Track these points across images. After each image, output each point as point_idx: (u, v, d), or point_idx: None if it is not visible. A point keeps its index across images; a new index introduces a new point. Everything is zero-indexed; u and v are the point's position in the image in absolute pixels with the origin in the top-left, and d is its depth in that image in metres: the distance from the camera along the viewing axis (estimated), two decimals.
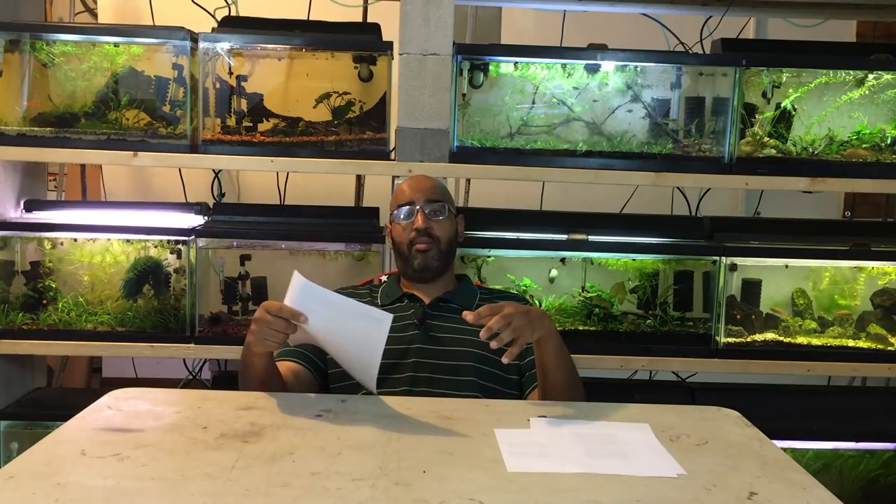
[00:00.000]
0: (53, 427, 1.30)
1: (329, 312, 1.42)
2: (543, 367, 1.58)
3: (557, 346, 1.57)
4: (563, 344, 1.60)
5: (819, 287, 2.40)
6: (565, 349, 1.60)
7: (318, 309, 1.42)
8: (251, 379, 1.55)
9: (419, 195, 1.81)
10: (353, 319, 1.42)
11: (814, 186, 2.26)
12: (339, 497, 1.05)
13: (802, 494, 1.13)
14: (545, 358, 1.56)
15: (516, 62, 2.27)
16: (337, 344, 1.50)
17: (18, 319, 2.26)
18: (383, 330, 1.39)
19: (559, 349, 1.58)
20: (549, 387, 1.58)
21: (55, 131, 2.23)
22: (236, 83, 2.30)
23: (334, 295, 1.45)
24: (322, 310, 1.42)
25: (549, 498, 1.08)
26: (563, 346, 1.60)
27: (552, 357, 1.56)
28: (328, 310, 1.42)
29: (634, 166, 2.24)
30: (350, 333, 1.44)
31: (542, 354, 1.56)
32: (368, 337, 1.41)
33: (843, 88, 2.31)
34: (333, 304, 1.43)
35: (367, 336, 1.41)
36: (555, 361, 1.56)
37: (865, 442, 2.31)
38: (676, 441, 1.31)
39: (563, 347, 1.59)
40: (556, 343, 1.57)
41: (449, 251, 1.82)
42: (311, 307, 1.41)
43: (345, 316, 1.42)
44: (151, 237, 2.25)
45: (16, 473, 1.10)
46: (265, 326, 1.44)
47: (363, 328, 1.41)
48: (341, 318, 1.43)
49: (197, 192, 2.99)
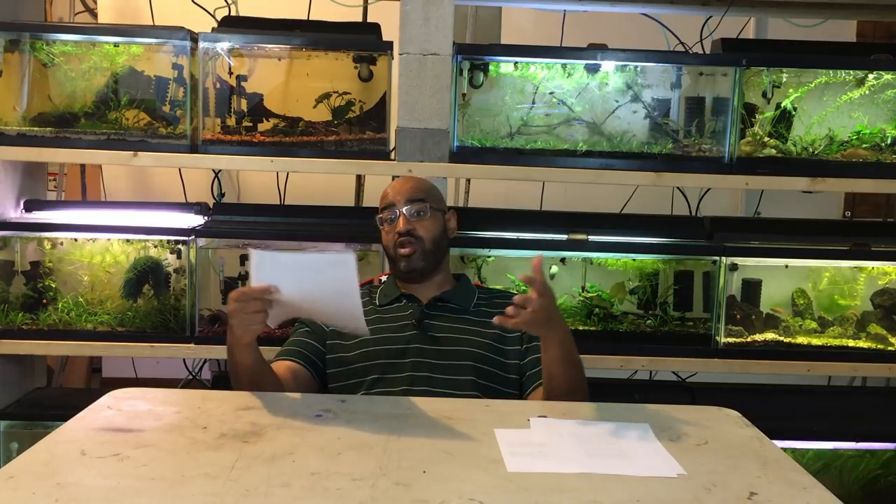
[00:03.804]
0: (53, 427, 1.30)
1: (294, 273, 1.40)
2: (549, 369, 1.57)
3: (567, 351, 1.55)
4: (575, 351, 1.58)
5: (819, 287, 2.40)
6: (576, 356, 1.58)
7: (283, 275, 1.39)
8: (241, 377, 1.55)
9: (399, 197, 1.80)
10: (320, 271, 1.39)
11: (814, 186, 2.26)
12: (339, 497, 1.05)
13: (802, 494, 1.12)
14: (552, 360, 1.55)
15: (516, 62, 2.27)
16: (315, 302, 1.46)
17: (18, 319, 2.26)
18: (350, 269, 1.35)
19: (568, 355, 1.56)
20: (553, 388, 1.58)
21: (55, 131, 2.23)
22: (236, 83, 2.30)
23: (292, 255, 1.42)
24: (287, 274, 1.39)
25: (549, 498, 1.08)
26: (575, 352, 1.58)
27: (559, 361, 1.54)
28: (292, 271, 1.40)
29: (634, 166, 2.24)
30: (321, 286, 1.40)
31: (550, 356, 1.55)
32: (340, 283, 1.37)
33: (844, 88, 2.31)
34: (295, 263, 1.40)
35: (339, 282, 1.37)
36: (561, 366, 1.55)
37: (865, 442, 2.31)
38: (676, 441, 1.31)
39: (573, 354, 1.57)
40: (567, 349, 1.55)
41: (435, 249, 1.80)
42: (276, 276, 1.39)
43: (310, 271, 1.40)
44: (151, 237, 2.25)
45: (16, 473, 1.10)
46: (241, 314, 1.43)
47: (331, 275, 1.38)
48: (308, 274, 1.40)
49: (197, 192, 2.99)
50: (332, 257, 1.39)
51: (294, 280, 1.40)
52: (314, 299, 1.45)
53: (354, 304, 1.39)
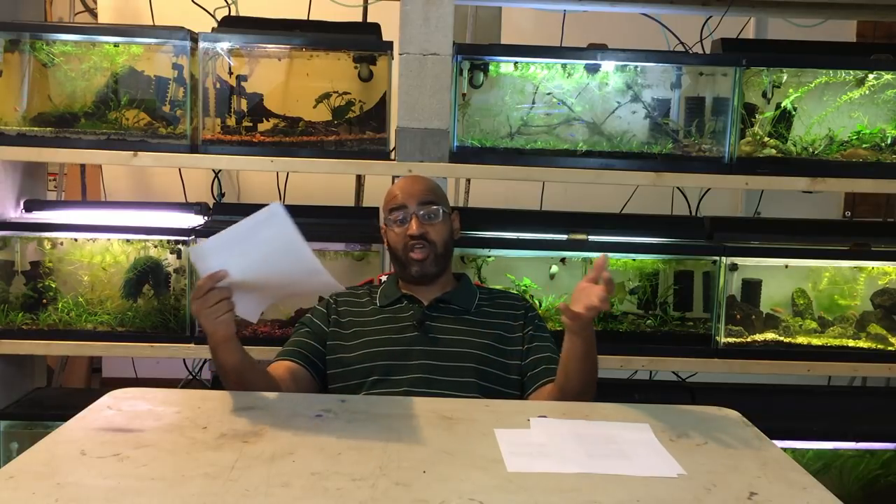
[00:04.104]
0: (53, 427, 1.30)
1: (234, 250, 1.35)
2: (570, 365, 1.56)
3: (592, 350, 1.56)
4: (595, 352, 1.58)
5: (819, 287, 2.40)
6: (596, 357, 1.59)
7: (224, 257, 1.36)
8: (228, 377, 1.54)
9: (411, 199, 1.77)
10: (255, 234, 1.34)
11: (814, 186, 2.26)
12: (339, 497, 1.05)
13: (802, 494, 1.12)
14: (577, 357, 1.55)
15: (516, 62, 2.27)
16: (269, 271, 1.40)
17: (18, 319, 2.26)
18: (281, 217, 1.31)
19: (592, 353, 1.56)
20: (568, 385, 1.58)
21: (55, 131, 2.23)
22: (236, 83, 2.30)
23: (224, 233, 1.36)
24: (227, 254, 1.36)
25: (549, 498, 1.08)
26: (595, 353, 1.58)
27: (583, 358, 1.55)
28: (231, 248, 1.36)
29: (634, 166, 2.24)
30: (265, 250, 1.35)
31: (576, 353, 1.55)
32: (281, 238, 1.33)
33: (844, 88, 2.32)
34: (229, 239, 1.35)
35: (279, 239, 1.33)
36: (583, 364, 1.55)
37: (865, 442, 2.31)
38: (676, 441, 1.31)
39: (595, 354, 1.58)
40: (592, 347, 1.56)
41: (445, 254, 1.80)
42: (219, 260, 1.36)
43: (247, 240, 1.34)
44: (151, 237, 2.25)
45: (16, 473, 1.10)
46: (203, 310, 1.41)
47: (269, 234, 1.33)
48: (247, 245, 1.35)
49: (197, 192, 2.99)
50: (260, 215, 1.33)
51: (237, 256, 1.36)
52: (267, 268, 1.39)
53: (306, 256, 1.34)
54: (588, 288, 1.47)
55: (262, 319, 2.31)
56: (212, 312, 1.42)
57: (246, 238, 1.35)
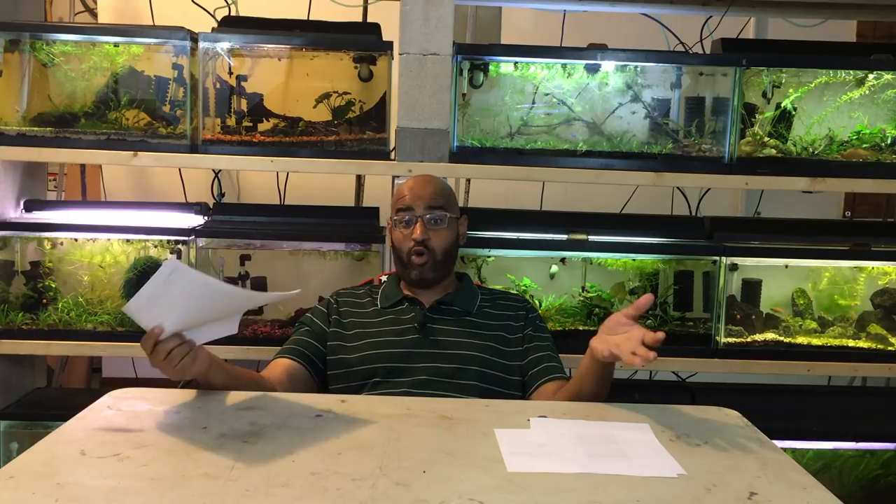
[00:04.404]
0: (53, 427, 1.30)
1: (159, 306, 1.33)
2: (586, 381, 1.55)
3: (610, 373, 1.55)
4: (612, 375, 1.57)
5: (819, 287, 2.40)
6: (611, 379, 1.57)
7: (153, 312, 1.34)
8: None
9: (419, 202, 1.76)
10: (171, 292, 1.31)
11: (814, 186, 2.26)
12: (339, 497, 1.05)
13: (802, 494, 1.12)
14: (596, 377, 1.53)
15: (516, 62, 2.27)
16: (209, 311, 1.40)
17: (18, 319, 2.26)
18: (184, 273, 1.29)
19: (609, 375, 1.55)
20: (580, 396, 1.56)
21: (55, 131, 2.23)
22: (236, 83, 2.30)
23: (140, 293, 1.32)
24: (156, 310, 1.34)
25: (549, 498, 1.08)
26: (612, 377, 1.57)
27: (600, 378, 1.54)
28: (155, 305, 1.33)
29: (634, 166, 2.24)
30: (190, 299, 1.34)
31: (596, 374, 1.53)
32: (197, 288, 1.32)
33: (844, 88, 2.32)
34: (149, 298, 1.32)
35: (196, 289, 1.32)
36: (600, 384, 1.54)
37: (865, 442, 2.31)
38: (676, 441, 1.31)
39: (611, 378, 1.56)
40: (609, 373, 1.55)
41: (447, 259, 1.79)
42: (150, 316, 1.35)
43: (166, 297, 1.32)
44: (151, 237, 2.25)
45: (16, 473, 1.10)
46: (158, 362, 1.39)
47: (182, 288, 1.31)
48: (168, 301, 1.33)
49: (197, 192, 2.99)
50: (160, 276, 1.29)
51: (165, 311, 1.34)
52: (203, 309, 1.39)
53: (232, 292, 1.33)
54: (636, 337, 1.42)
55: (261, 319, 2.32)
56: (167, 364, 1.39)
57: (162, 296, 1.32)
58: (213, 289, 1.34)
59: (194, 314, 1.39)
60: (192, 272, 1.31)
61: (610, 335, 1.47)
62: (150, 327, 1.36)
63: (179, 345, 1.39)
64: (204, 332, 1.44)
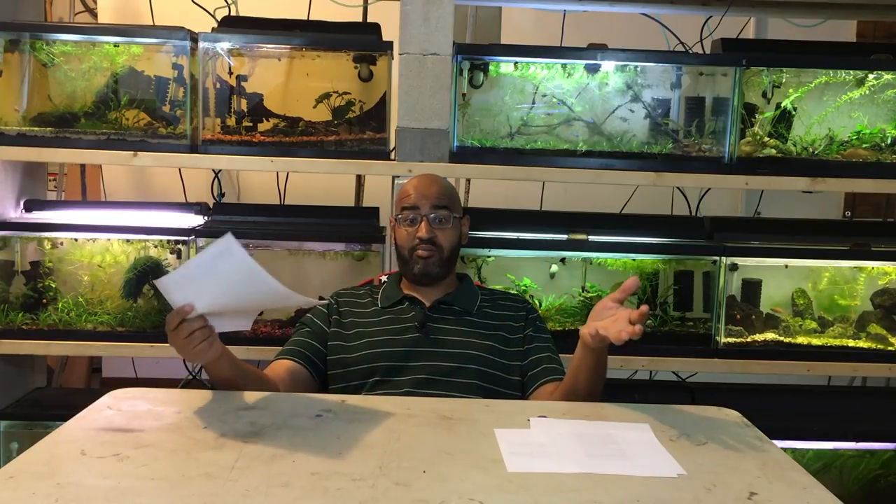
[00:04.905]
0: (53, 427, 1.30)
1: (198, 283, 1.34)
2: (581, 373, 1.56)
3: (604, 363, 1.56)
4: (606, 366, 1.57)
5: (819, 287, 2.40)
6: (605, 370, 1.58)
7: (188, 289, 1.35)
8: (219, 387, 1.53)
9: (424, 201, 1.77)
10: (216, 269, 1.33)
11: (814, 186, 2.26)
12: (339, 497, 1.05)
13: (802, 494, 1.12)
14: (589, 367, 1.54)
15: (516, 62, 2.27)
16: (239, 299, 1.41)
17: (18, 319, 2.26)
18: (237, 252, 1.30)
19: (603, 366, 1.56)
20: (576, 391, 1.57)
21: (55, 131, 2.23)
22: (236, 83, 2.30)
23: (184, 267, 1.36)
24: (192, 287, 1.35)
25: (549, 498, 1.08)
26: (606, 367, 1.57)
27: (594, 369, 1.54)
28: (194, 282, 1.35)
29: (634, 166, 2.24)
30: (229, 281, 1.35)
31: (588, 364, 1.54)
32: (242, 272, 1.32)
33: (843, 88, 2.32)
34: (191, 274, 1.34)
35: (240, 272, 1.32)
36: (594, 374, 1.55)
37: (865, 442, 2.31)
38: (676, 441, 1.31)
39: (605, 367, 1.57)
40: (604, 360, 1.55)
41: (451, 258, 1.80)
42: (184, 293, 1.35)
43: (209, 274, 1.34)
44: (151, 237, 2.25)
45: (16, 473, 1.10)
46: (177, 341, 1.40)
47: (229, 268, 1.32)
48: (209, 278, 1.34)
49: (197, 192, 2.99)
50: (215, 248, 1.32)
51: (202, 289, 1.35)
52: (235, 296, 1.39)
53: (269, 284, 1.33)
54: (622, 317, 1.42)
55: (261, 319, 2.32)
56: (186, 343, 1.39)
57: (206, 272, 1.34)
58: (256, 276, 1.33)
59: (226, 300, 1.39)
60: (244, 254, 1.31)
61: (597, 321, 1.47)
62: (180, 304, 1.36)
63: (202, 327, 1.39)
64: (224, 322, 1.43)
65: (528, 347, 1.74)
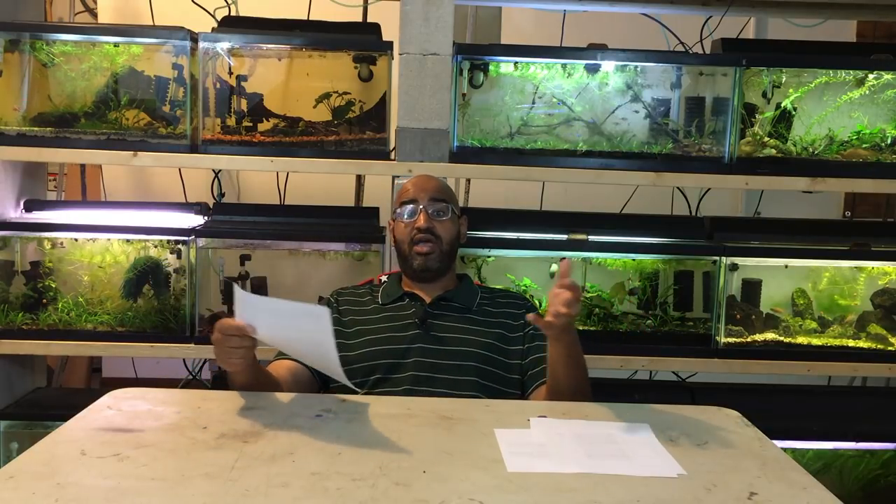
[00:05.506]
0: (53, 427, 1.30)
1: (273, 318, 1.42)
2: (556, 368, 1.57)
3: (575, 352, 1.56)
4: (581, 353, 1.58)
5: (819, 287, 2.40)
6: (582, 358, 1.59)
7: (262, 317, 1.41)
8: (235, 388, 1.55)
9: (423, 194, 1.80)
10: (297, 319, 1.41)
11: (814, 186, 2.26)
12: (339, 497, 1.05)
13: (802, 494, 1.13)
14: (560, 360, 1.55)
15: (516, 62, 2.27)
16: (293, 345, 1.51)
17: (18, 319, 2.26)
18: (324, 323, 1.36)
19: (576, 356, 1.57)
20: (558, 388, 1.58)
21: (55, 131, 2.23)
22: (236, 83, 2.30)
23: (273, 301, 1.45)
24: (266, 316, 1.42)
25: (549, 498, 1.08)
26: (581, 354, 1.58)
27: (565, 362, 1.55)
28: (271, 315, 1.42)
29: (634, 166, 2.24)
30: (297, 333, 1.43)
31: (558, 355, 1.55)
32: (315, 333, 1.38)
33: (843, 88, 2.31)
34: (275, 309, 1.42)
35: (314, 332, 1.38)
36: (568, 367, 1.55)
37: (865, 442, 2.31)
38: (676, 441, 1.31)
39: (580, 356, 1.58)
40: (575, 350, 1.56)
41: (450, 252, 1.81)
42: (256, 317, 1.41)
43: (288, 318, 1.42)
44: (151, 237, 2.25)
45: (16, 473, 1.10)
46: (221, 346, 1.44)
47: (307, 326, 1.40)
48: (285, 321, 1.42)
49: (197, 192, 2.99)
50: (308, 308, 1.41)
51: (273, 322, 1.42)
52: (293, 343, 1.49)
53: (331, 355, 1.39)
54: (557, 294, 1.45)
55: None
56: (226, 353, 1.44)
57: (288, 316, 1.41)
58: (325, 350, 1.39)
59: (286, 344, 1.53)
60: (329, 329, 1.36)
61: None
62: (245, 321, 1.41)
63: (248, 347, 1.45)
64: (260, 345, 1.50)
65: (528, 346, 1.74)
